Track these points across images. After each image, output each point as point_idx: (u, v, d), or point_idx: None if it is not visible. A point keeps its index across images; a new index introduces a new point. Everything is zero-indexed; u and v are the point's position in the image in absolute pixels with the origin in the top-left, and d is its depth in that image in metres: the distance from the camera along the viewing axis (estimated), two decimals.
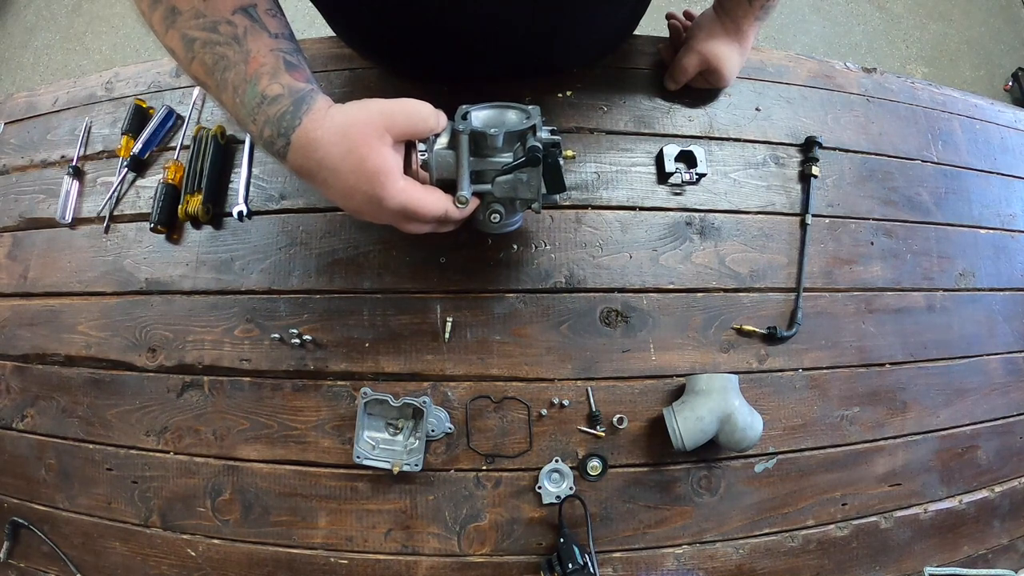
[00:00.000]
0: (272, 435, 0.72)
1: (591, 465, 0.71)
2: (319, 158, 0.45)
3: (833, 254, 0.80)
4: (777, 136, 0.84)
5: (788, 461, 0.74)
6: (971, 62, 2.35)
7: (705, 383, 0.68)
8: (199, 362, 0.75)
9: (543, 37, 0.70)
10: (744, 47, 0.77)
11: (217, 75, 0.46)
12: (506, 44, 0.70)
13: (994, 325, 0.85)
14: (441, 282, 0.74)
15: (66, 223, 0.83)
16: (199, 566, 0.72)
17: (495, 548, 0.70)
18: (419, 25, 0.67)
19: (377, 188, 0.46)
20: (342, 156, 0.45)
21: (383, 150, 0.46)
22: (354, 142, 0.45)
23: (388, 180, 0.47)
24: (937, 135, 0.90)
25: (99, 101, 0.89)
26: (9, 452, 0.79)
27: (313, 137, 0.45)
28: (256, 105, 0.46)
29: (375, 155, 0.46)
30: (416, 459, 0.68)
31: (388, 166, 0.47)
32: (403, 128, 0.48)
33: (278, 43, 0.47)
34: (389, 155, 0.47)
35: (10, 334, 0.82)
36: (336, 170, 0.46)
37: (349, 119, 0.46)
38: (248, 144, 0.80)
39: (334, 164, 0.46)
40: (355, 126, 0.46)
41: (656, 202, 0.78)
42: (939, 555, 0.78)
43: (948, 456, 0.80)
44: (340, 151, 0.45)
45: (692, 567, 0.71)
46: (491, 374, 0.73)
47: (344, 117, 0.46)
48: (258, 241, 0.77)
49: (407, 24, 0.68)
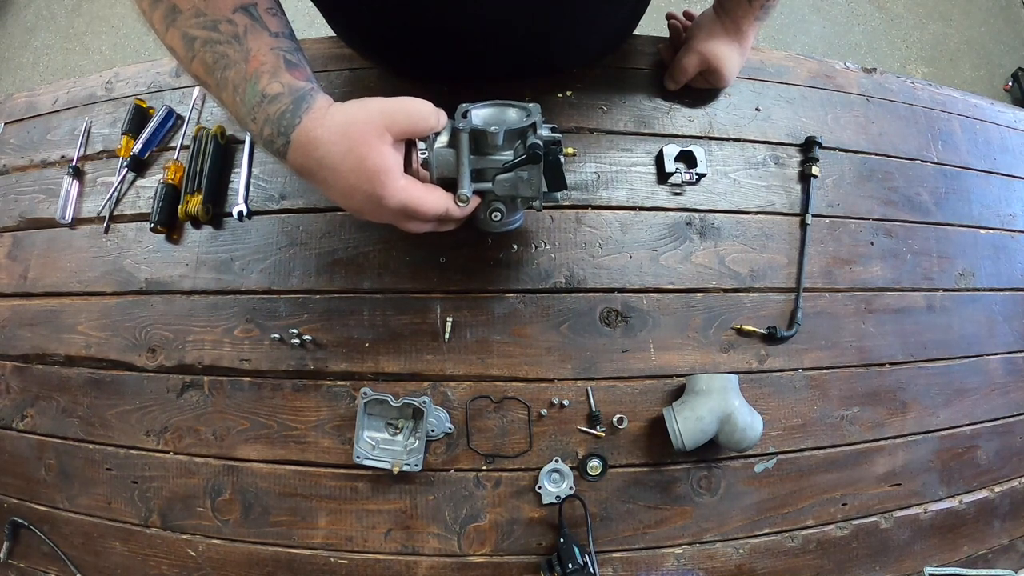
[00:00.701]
0: (272, 435, 0.72)
1: (591, 465, 0.71)
2: (319, 157, 0.45)
3: (833, 254, 0.80)
4: (777, 136, 0.84)
5: (788, 461, 0.74)
6: (971, 62, 2.35)
7: (705, 383, 0.68)
8: (199, 362, 0.75)
9: (543, 37, 0.70)
10: (744, 47, 0.77)
11: (217, 74, 0.46)
12: (506, 44, 0.70)
13: (994, 325, 0.85)
14: (441, 282, 0.74)
15: (66, 223, 0.83)
16: (199, 566, 0.72)
17: (495, 548, 0.70)
18: (419, 25, 0.67)
19: (377, 187, 0.46)
20: (342, 155, 0.45)
21: (383, 149, 0.46)
22: (354, 141, 0.45)
23: (388, 179, 0.47)
24: (937, 135, 0.90)
25: (99, 101, 0.89)
26: (9, 452, 0.79)
27: (313, 136, 0.45)
28: (256, 104, 0.46)
29: (375, 154, 0.46)
30: (416, 459, 0.68)
31: (388, 165, 0.46)
32: (403, 127, 0.48)
33: (278, 42, 0.47)
34: (389, 154, 0.47)
35: (10, 334, 0.82)
36: (336, 169, 0.46)
37: (349, 118, 0.46)
38: (248, 144, 0.80)
39: (334, 163, 0.46)
40: (355, 125, 0.46)
41: (656, 202, 0.78)
42: (939, 555, 0.78)
43: (948, 456, 0.80)
44: (340, 150, 0.45)
45: (692, 567, 0.71)
46: (491, 374, 0.73)
47: (344, 116, 0.46)
48: (258, 241, 0.77)
49: (407, 24, 0.68)
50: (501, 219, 0.60)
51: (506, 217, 0.61)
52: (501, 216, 0.60)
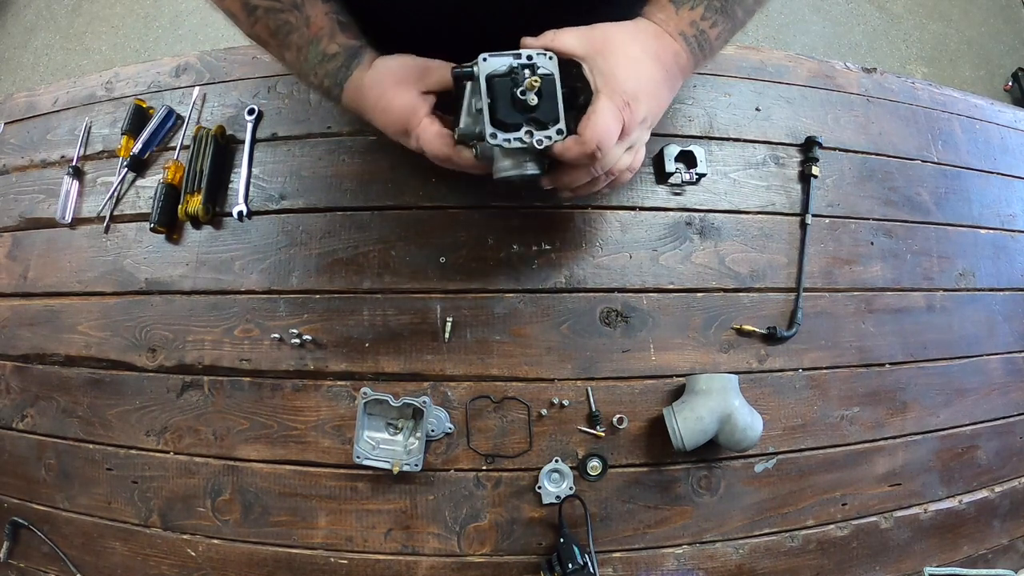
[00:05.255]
0: (272, 435, 0.73)
1: (591, 465, 0.71)
2: (361, 101, 0.58)
3: (833, 254, 0.80)
4: (777, 136, 0.84)
5: (788, 461, 0.74)
6: (971, 62, 2.35)
7: (705, 383, 0.68)
8: (199, 362, 0.75)
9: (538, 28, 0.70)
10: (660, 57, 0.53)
11: (281, 36, 0.56)
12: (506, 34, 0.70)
13: (994, 325, 0.85)
14: (441, 282, 0.74)
15: (66, 223, 0.83)
16: (199, 566, 0.72)
17: (495, 548, 0.70)
18: (417, 32, 0.68)
19: (402, 124, 0.57)
20: (375, 100, 0.57)
21: (404, 95, 0.56)
22: (383, 88, 0.57)
23: (411, 118, 0.56)
24: (937, 135, 0.90)
25: (99, 101, 0.89)
26: (9, 452, 0.79)
27: (357, 86, 0.57)
28: (318, 62, 0.57)
29: (398, 100, 0.56)
30: (416, 459, 0.68)
31: (407, 107, 0.56)
32: (418, 77, 0.57)
33: (329, 6, 0.57)
34: (409, 98, 0.56)
35: (10, 334, 0.82)
36: (373, 110, 0.58)
37: (381, 72, 0.57)
38: (248, 144, 0.80)
39: (371, 106, 0.57)
40: (386, 76, 0.57)
41: (656, 202, 0.78)
42: (939, 555, 0.78)
43: (948, 456, 0.80)
44: (375, 95, 0.57)
45: (692, 567, 0.71)
46: (491, 374, 0.73)
47: (377, 72, 0.57)
48: (258, 241, 0.77)
49: (407, 29, 0.68)
50: (477, 156, 0.56)
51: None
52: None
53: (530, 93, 0.50)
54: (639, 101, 0.51)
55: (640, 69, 0.51)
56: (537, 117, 0.51)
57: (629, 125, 0.51)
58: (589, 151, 0.50)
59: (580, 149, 0.50)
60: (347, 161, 0.78)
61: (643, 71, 0.52)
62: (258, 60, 0.84)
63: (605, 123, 0.50)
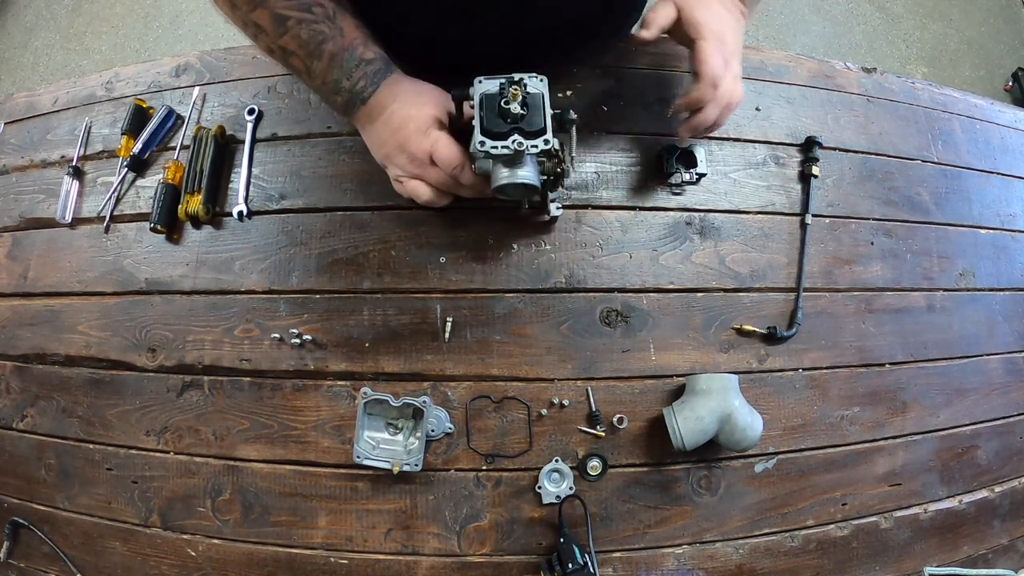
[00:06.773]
0: (272, 435, 0.73)
1: (591, 465, 0.71)
2: (391, 102, 0.62)
3: (833, 254, 0.80)
4: (777, 136, 0.84)
5: (788, 461, 0.74)
6: (971, 62, 2.35)
7: (705, 383, 0.68)
8: (199, 362, 0.75)
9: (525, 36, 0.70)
10: (735, 5, 0.69)
11: (312, 46, 0.58)
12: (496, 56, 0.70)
13: (994, 325, 0.85)
14: (441, 282, 0.74)
15: (66, 223, 0.83)
16: (199, 566, 0.72)
17: (495, 548, 0.70)
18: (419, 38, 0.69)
19: (426, 125, 0.62)
20: (415, 97, 0.63)
21: (436, 103, 0.63)
22: (422, 87, 0.64)
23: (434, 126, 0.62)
24: (937, 135, 0.90)
25: (99, 101, 0.89)
26: (9, 452, 0.79)
27: (396, 79, 0.62)
28: (355, 66, 0.60)
29: (427, 108, 0.62)
30: (416, 459, 0.68)
31: (433, 117, 0.62)
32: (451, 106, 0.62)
33: (357, 20, 0.61)
34: (437, 107, 0.63)
35: (10, 334, 0.82)
36: (405, 105, 0.62)
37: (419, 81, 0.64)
38: (248, 144, 0.80)
39: (406, 101, 0.62)
40: (424, 84, 0.64)
41: (656, 202, 0.78)
42: (939, 555, 0.78)
43: (948, 456, 0.80)
44: (415, 90, 0.63)
45: (692, 567, 0.71)
46: (491, 374, 0.73)
47: (414, 79, 0.64)
48: (258, 241, 0.77)
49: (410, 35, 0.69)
50: (480, 170, 0.61)
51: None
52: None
53: (513, 103, 0.57)
54: (727, 37, 0.65)
55: (723, 14, 0.66)
56: (523, 127, 0.57)
57: (729, 57, 0.65)
58: (712, 83, 0.64)
59: (705, 84, 0.64)
60: (347, 161, 0.78)
61: (725, 16, 0.67)
62: (258, 60, 0.84)
63: (713, 58, 0.63)
